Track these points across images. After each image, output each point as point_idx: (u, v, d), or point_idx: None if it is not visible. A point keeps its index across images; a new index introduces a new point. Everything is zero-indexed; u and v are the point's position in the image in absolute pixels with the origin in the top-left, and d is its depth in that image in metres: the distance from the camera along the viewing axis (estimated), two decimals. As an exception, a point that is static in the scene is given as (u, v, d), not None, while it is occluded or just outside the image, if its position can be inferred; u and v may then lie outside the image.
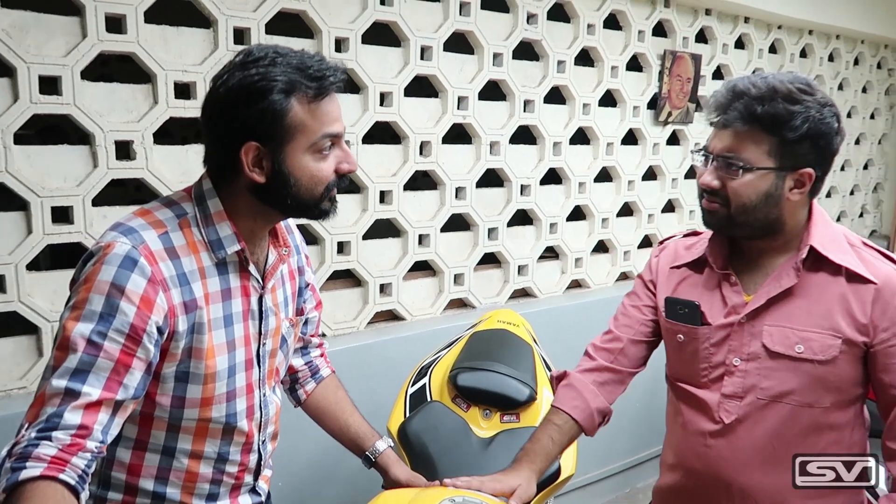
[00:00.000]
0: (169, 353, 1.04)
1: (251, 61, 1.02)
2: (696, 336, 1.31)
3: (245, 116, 1.01)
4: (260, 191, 1.06)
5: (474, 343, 1.93)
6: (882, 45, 4.48)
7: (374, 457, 1.36)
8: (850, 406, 1.25)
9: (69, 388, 0.92)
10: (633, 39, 2.98)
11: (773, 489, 1.27)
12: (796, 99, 1.13)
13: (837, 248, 1.21)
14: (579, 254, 3.00)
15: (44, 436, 0.89)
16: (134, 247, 0.99)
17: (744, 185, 1.18)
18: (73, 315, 0.96)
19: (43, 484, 0.86)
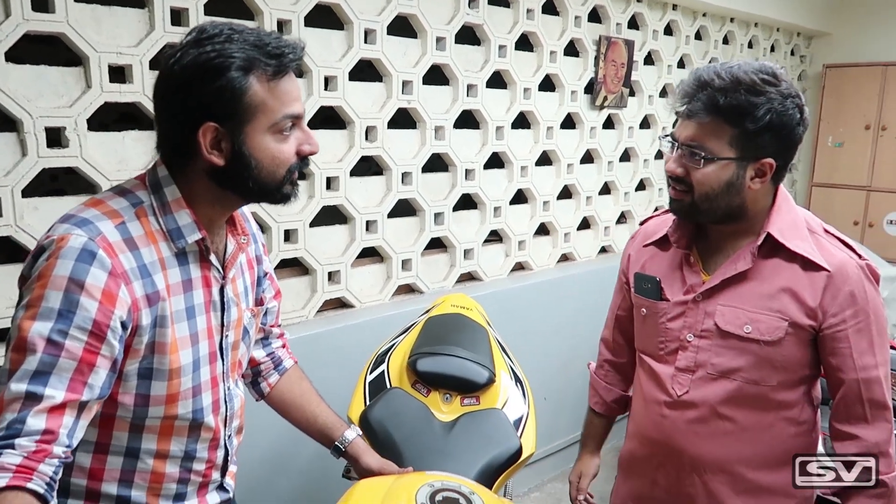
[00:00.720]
0: (132, 350, 0.98)
1: (206, 38, 0.97)
2: (656, 310, 1.37)
3: (202, 95, 0.96)
4: (219, 175, 1.02)
5: (431, 328, 1.93)
6: (795, 33, 4.72)
7: (344, 446, 1.34)
8: (798, 386, 1.31)
9: (30, 392, 0.86)
10: (571, 25, 3.03)
11: (722, 460, 1.33)
12: (759, 90, 1.16)
13: (795, 235, 1.25)
14: (522, 237, 3.04)
15: (6, 444, 0.84)
16: (91, 238, 0.93)
17: (706, 175, 1.21)
18: (28, 314, 0.90)
19: (10, 495, 0.81)
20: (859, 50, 4.75)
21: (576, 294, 3.21)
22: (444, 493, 1.15)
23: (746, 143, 1.19)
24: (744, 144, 1.19)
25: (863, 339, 1.23)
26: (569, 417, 3.23)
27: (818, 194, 4.88)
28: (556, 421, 3.17)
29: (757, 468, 1.32)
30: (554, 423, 3.16)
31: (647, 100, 3.56)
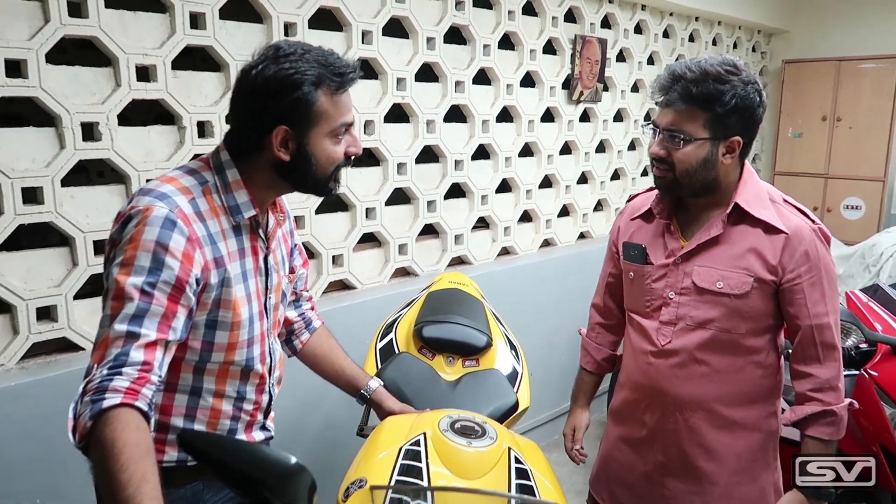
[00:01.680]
0: (201, 303, 1.17)
1: (283, 56, 1.16)
2: (643, 273, 1.58)
3: (279, 104, 1.15)
4: (282, 167, 1.21)
5: (432, 301, 2.13)
6: (756, 31, 5.01)
7: (369, 394, 1.54)
8: (764, 334, 1.51)
9: (130, 331, 1.04)
10: (548, 25, 3.25)
11: (700, 399, 1.54)
12: (724, 79, 1.36)
13: (759, 205, 1.45)
14: (507, 223, 3.26)
15: (115, 371, 1.02)
16: (171, 210, 1.12)
17: (685, 154, 1.41)
18: (124, 270, 1.08)
19: (123, 410, 0.98)
20: (815, 46, 5.06)
21: (557, 276, 3.44)
22: (462, 422, 1.35)
23: (717, 124, 1.38)
24: (715, 126, 1.38)
25: (816, 290, 1.43)
26: (554, 391, 3.45)
27: (780, 182, 5.18)
28: (541, 395, 3.38)
29: (730, 405, 1.52)
30: (539, 397, 3.37)
31: (620, 94, 3.80)
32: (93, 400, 0.99)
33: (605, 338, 1.86)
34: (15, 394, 1.77)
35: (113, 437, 0.95)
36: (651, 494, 1.62)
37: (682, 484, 1.57)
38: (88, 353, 1.92)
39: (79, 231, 1.90)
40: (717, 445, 1.54)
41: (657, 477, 1.60)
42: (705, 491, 1.56)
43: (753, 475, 1.55)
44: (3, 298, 1.81)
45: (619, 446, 1.71)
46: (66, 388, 1.81)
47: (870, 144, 4.72)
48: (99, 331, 1.07)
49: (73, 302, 1.93)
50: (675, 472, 1.58)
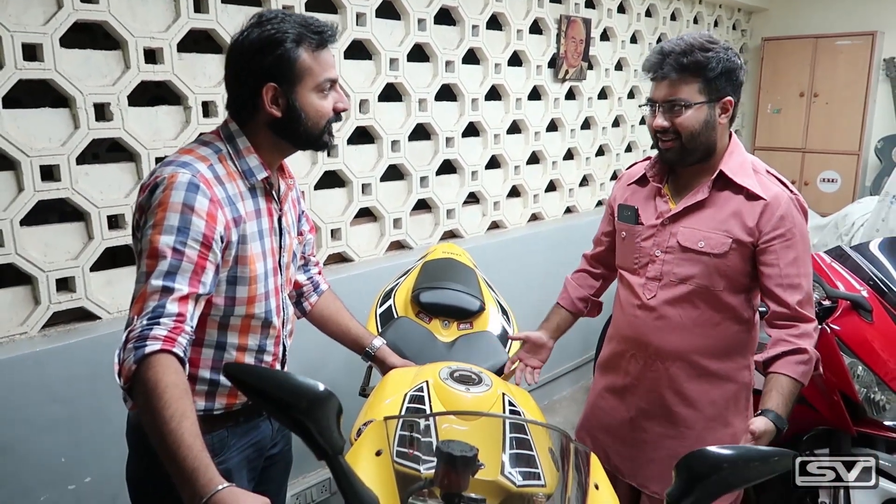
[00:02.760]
0: (224, 260, 1.28)
1: (265, 21, 1.28)
2: (633, 232, 1.72)
3: (265, 62, 1.26)
4: (277, 125, 1.31)
5: (428, 269, 2.26)
6: (735, 9, 5.13)
7: (373, 351, 1.68)
8: (741, 292, 1.63)
9: (165, 286, 1.16)
10: (534, 5, 3.36)
11: (680, 349, 1.66)
12: (708, 48, 1.52)
13: (742, 173, 1.58)
14: (497, 198, 3.39)
15: (154, 322, 1.14)
16: (193, 175, 1.23)
17: (688, 119, 1.53)
18: (156, 231, 1.19)
19: (162, 356, 1.11)
20: (793, 24, 5.20)
21: (544, 249, 3.58)
22: (460, 371, 1.49)
23: (710, 88, 1.52)
24: (709, 89, 1.52)
25: (789, 253, 1.55)
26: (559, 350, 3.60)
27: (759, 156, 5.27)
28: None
29: (707, 357, 1.66)
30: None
31: (604, 73, 3.92)
32: (136, 347, 1.11)
33: (585, 280, 1.98)
34: (38, 359, 1.89)
35: (156, 378, 1.08)
36: (632, 438, 1.77)
37: (661, 428, 1.72)
38: (105, 321, 2.06)
39: (93, 206, 2.01)
40: (694, 393, 1.68)
41: (638, 422, 1.75)
42: (682, 434, 1.71)
43: (727, 421, 1.70)
44: (25, 270, 1.92)
45: (604, 395, 1.86)
46: (85, 353, 1.96)
47: (845, 119, 4.88)
48: (136, 286, 1.19)
49: (90, 274, 2.04)
50: (655, 417, 1.73)
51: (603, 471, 1.15)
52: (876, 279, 1.91)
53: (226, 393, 1.36)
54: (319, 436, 0.87)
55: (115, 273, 2.11)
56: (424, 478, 1.05)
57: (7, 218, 1.87)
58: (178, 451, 1.02)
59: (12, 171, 1.89)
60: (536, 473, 1.18)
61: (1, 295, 1.92)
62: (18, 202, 1.88)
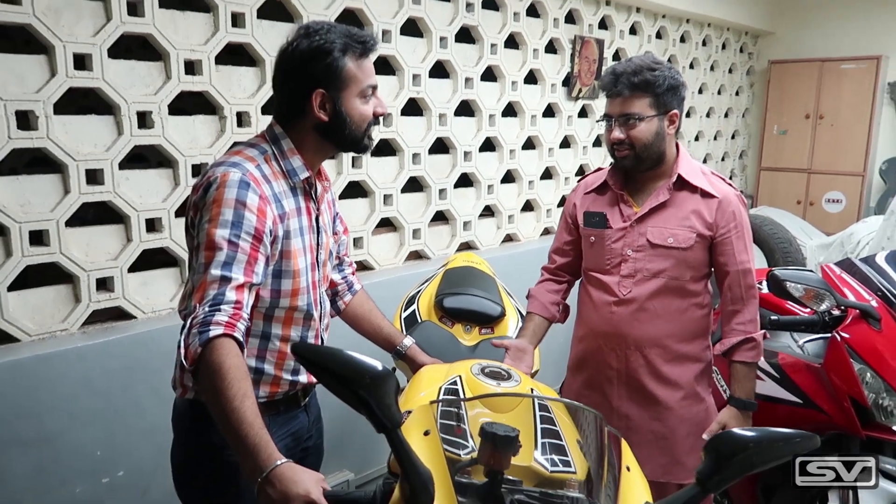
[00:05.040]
0: (271, 255, 1.36)
1: (313, 32, 1.37)
2: (603, 236, 1.86)
3: (315, 70, 1.35)
4: (323, 128, 1.40)
5: (450, 277, 2.35)
6: (743, 32, 5.26)
7: (404, 350, 1.75)
8: (702, 280, 1.84)
9: (223, 276, 1.24)
10: (550, 26, 3.48)
11: (656, 337, 1.82)
12: (654, 68, 1.71)
13: (695, 176, 1.79)
14: (511, 211, 3.48)
15: (216, 308, 1.21)
16: (244, 174, 1.31)
17: (640, 131, 1.72)
18: (212, 225, 1.27)
19: (225, 340, 1.18)
20: (799, 47, 5.32)
21: (557, 262, 3.65)
22: (490, 368, 1.56)
23: (659, 102, 1.71)
24: (657, 104, 1.71)
25: (740, 242, 1.77)
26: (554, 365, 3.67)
27: (766, 177, 5.44)
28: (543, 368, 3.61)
29: (679, 341, 1.83)
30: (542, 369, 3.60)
31: (616, 92, 4.02)
32: (200, 332, 1.19)
33: (551, 287, 2.06)
34: (79, 354, 1.97)
35: (220, 360, 1.16)
36: (616, 427, 1.85)
37: (643, 412, 1.86)
38: (140, 321, 2.14)
39: (133, 210, 2.10)
40: (672, 375, 1.84)
41: (622, 410, 1.88)
42: (662, 416, 1.85)
43: (699, 397, 1.88)
44: (68, 269, 2.01)
45: (583, 392, 1.97)
46: (122, 350, 2.04)
47: (850, 141, 4.98)
48: (196, 276, 1.27)
49: (127, 275, 2.13)
50: (638, 403, 1.86)
51: (632, 453, 1.22)
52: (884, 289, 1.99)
53: (269, 382, 1.44)
54: (379, 410, 0.94)
55: (150, 274, 2.20)
56: (468, 458, 1.13)
57: (53, 219, 1.96)
58: (240, 427, 1.10)
59: (60, 175, 1.98)
60: (567, 461, 1.25)
61: (44, 293, 2.00)
62: (64, 204, 1.97)
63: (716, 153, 5.18)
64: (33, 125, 1.90)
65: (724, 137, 5.24)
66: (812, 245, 4.24)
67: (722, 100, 5.14)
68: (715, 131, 5.12)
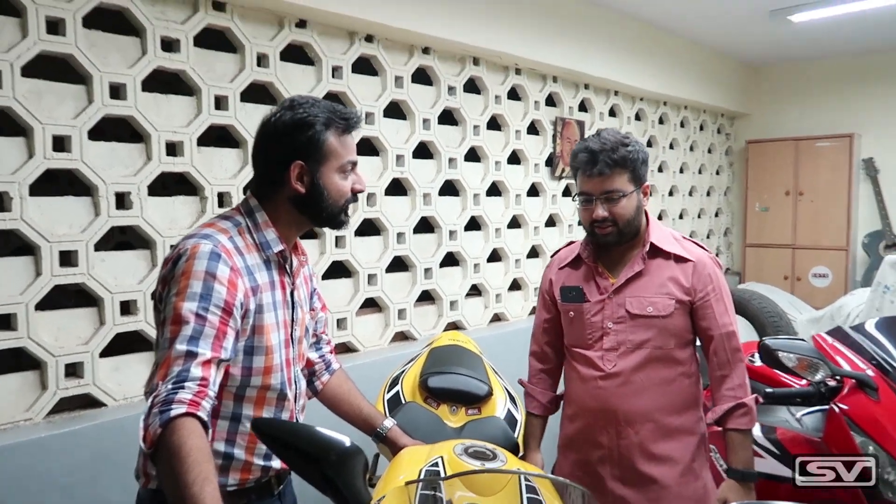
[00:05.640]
0: (241, 330, 1.30)
1: (297, 105, 1.37)
2: (582, 310, 1.81)
3: (295, 142, 1.34)
4: (299, 201, 1.37)
5: (435, 356, 2.28)
6: (719, 114, 5.42)
7: (385, 432, 1.66)
8: (687, 347, 1.78)
9: (189, 351, 1.18)
10: (531, 108, 3.56)
11: (646, 411, 1.74)
12: (627, 143, 1.70)
13: (667, 242, 1.76)
14: (498, 290, 3.44)
15: (179, 386, 1.14)
16: (215, 246, 1.27)
17: (623, 207, 1.70)
18: (179, 298, 1.22)
19: (187, 419, 1.11)
20: (775, 127, 5.48)
21: (547, 342, 3.59)
22: (474, 447, 1.47)
23: (635, 176, 1.71)
24: (635, 178, 1.71)
25: (720, 305, 1.74)
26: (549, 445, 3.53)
27: (751, 254, 5.46)
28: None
29: (669, 414, 1.75)
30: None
31: (598, 171, 4.08)
32: (161, 411, 1.11)
33: (545, 382, 2.01)
34: (42, 445, 1.86)
35: (179, 442, 1.08)
36: None
37: (639, 493, 1.74)
38: (110, 408, 2.04)
39: (107, 292, 2.05)
40: (664, 451, 1.74)
41: (617, 492, 1.77)
42: (660, 496, 1.74)
43: (697, 474, 1.77)
44: (36, 354, 1.93)
45: (575, 473, 1.86)
46: (89, 441, 1.93)
47: (831, 216, 5.05)
48: (160, 352, 1.20)
49: (98, 360, 2.05)
50: (633, 483, 1.75)
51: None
52: (878, 358, 1.93)
53: (239, 468, 1.35)
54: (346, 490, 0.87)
55: (123, 359, 2.12)
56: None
57: (23, 302, 1.90)
58: None
59: (32, 257, 1.94)
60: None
61: (9, 380, 1.91)
62: (35, 286, 1.92)
63: (701, 231, 5.22)
64: (7, 206, 1.87)
65: (707, 215, 5.30)
66: (802, 319, 4.20)
67: (703, 179, 5.23)
68: (699, 209, 5.19)
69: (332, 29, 2.62)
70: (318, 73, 2.59)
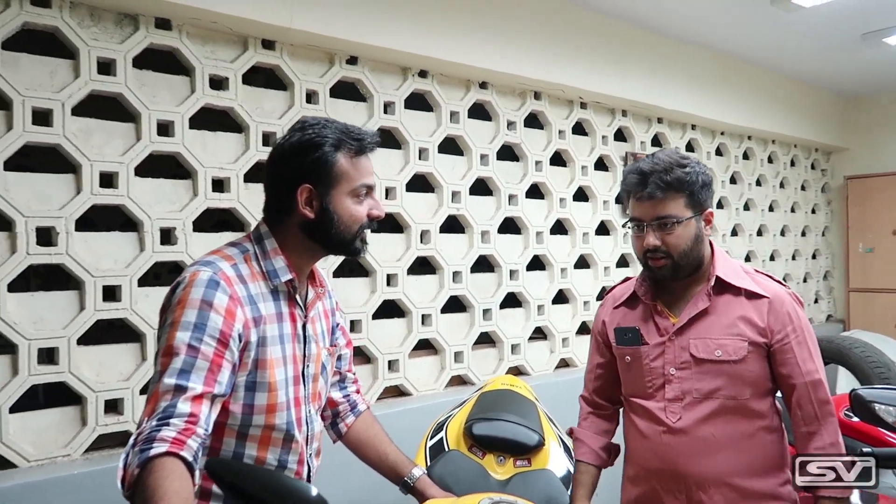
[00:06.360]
0: (242, 363, 1.21)
1: (307, 126, 1.30)
2: (639, 354, 1.60)
3: (303, 164, 1.26)
4: (309, 227, 1.28)
5: (484, 400, 2.11)
6: (813, 149, 5.04)
7: (413, 482, 1.51)
8: (766, 396, 1.54)
9: (178, 385, 1.10)
10: (598, 143, 3.40)
11: (721, 473, 1.49)
12: (684, 164, 1.51)
13: (736, 276, 1.55)
14: (565, 334, 3.24)
15: (163, 423, 1.06)
16: (214, 273, 1.20)
17: (678, 237, 1.50)
18: (172, 329, 1.14)
19: (168, 459, 1.02)
20: (876, 161, 5.03)
21: (620, 390, 3.33)
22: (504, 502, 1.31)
23: (694, 201, 1.51)
24: (693, 203, 1.51)
25: (803, 349, 1.50)
26: None
27: (856, 299, 4.98)
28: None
29: (749, 476, 1.50)
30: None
31: (676, 209, 3.84)
32: (141, 450, 1.03)
33: (599, 426, 1.79)
34: (76, 483, 1.83)
35: (156, 484, 0.98)
36: None
37: None
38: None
39: (150, 328, 2.03)
40: None
41: None
42: None
43: None
44: (77, 390, 1.92)
45: None
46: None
47: (948, 257, 4.54)
48: (151, 387, 1.13)
49: (139, 396, 2.02)
50: None
51: None
52: None
53: (241, 514, 1.24)
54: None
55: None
56: None
57: (65, 336, 1.90)
58: None
59: (76, 291, 1.95)
60: None
61: (49, 415, 1.90)
62: (78, 321, 1.92)
63: (796, 274, 4.81)
64: (53, 241, 1.89)
65: (803, 257, 4.89)
66: (917, 371, 3.73)
67: (797, 217, 4.85)
68: (792, 250, 4.79)
69: (383, 65, 2.59)
70: (369, 109, 2.56)
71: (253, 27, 2.20)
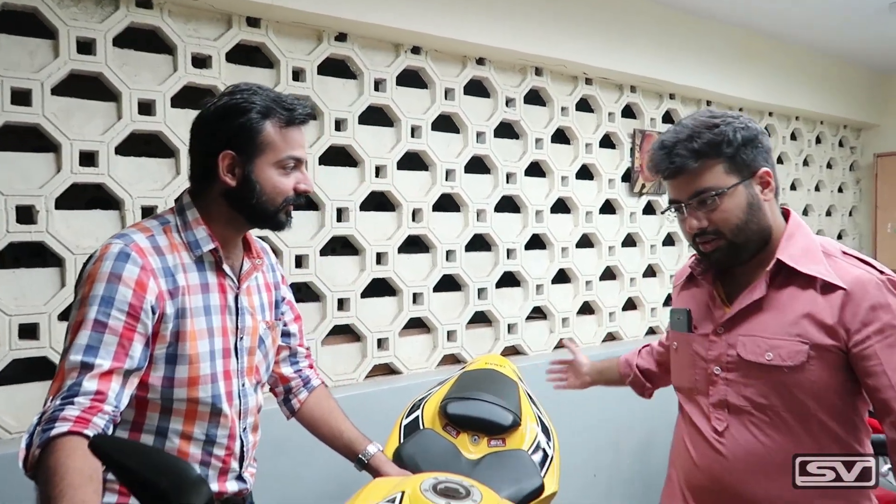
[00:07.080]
0: (159, 336, 1.19)
1: (237, 91, 1.26)
2: (687, 341, 1.40)
3: (226, 129, 1.23)
4: (231, 195, 1.25)
5: (463, 379, 2.10)
6: (841, 126, 4.84)
7: (367, 459, 1.50)
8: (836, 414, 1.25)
9: (84, 362, 1.08)
10: (605, 120, 3.32)
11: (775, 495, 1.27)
12: (714, 123, 1.26)
13: (808, 259, 1.25)
14: (566, 314, 3.19)
15: (67, 401, 1.05)
16: (126, 245, 1.18)
17: (725, 210, 1.26)
18: (82, 304, 1.13)
19: (70, 438, 1.01)
20: (908, 138, 4.81)
21: (623, 372, 3.28)
22: (447, 484, 1.29)
23: (737, 163, 1.26)
24: (737, 166, 1.26)
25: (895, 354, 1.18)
26: (620, 497, 3.21)
27: (884, 281, 4.79)
28: (608, 499, 3.16)
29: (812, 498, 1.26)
30: (606, 501, 3.15)
31: (688, 188, 3.73)
32: (43, 430, 1.02)
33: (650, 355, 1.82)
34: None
35: (56, 463, 0.97)
36: None
37: None
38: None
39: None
40: None
41: None
42: None
43: None
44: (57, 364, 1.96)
45: None
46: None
47: (982, 238, 4.33)
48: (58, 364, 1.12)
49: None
50: None
51: None
52: None
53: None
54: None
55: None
56: None
57: (46, 312, 1.94)
58: None
59: (57, 269, 1.98)
60: None
61: (31, 389, 1.95)
62: (59, 297, 1.95)
63: (819, 254, 4.65)
64: (33, 219, 1.93)
65: (828, 237, 4.71)
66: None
67: (822, 196, 4.67)
68: (815, 230, 4.63)
69: (374, 41, 2.55)
70: (359, 87, 2.53)
71: (237, 4, 2.18)
